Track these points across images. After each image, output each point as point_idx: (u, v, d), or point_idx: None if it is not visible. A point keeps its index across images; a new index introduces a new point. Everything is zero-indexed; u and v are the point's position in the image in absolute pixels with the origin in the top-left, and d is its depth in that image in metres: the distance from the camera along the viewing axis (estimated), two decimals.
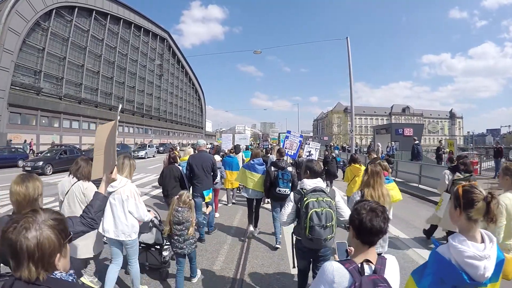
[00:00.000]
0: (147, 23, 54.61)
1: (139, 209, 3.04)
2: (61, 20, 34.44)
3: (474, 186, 1.41)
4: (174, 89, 68.89)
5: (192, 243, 3.26)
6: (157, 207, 7.13)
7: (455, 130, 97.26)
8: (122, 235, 2.97)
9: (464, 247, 1.28)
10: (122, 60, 47.88)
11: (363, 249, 1.32)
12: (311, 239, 2.44)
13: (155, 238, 3.67)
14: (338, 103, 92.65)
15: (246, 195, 5.26)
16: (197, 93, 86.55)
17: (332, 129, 76.73)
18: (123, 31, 47.26)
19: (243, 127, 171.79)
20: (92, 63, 40.24)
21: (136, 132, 50.86)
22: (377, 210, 1.30)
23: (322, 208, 2.43)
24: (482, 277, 1.25)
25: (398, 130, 21.11)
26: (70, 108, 34.67)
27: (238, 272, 3.92)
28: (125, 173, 3.08)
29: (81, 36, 37.85)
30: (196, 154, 5.49)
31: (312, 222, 2.40)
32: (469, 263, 1.25)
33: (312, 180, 2.72)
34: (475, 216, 1.34)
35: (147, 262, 3.70)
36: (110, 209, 2.97)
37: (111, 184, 2.88)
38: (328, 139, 51.47)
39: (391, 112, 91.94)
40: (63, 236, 0.98)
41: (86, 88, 39.23)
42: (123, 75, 47.92)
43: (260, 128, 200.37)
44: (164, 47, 63.41)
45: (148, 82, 56.22)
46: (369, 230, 1.27)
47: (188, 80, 78.86)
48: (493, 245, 1.32)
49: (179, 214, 3.15)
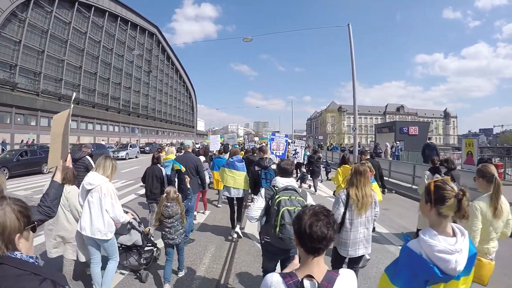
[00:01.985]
0: (135, 16, 53.19)
1: (114, 209, 3.05)
2: (40, 11, 32.97)
3: (446, 182, 1.41)
4: (163, 86, 67.54)
5: (181, 233, 3.62)
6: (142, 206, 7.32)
7: (449, 129, 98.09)
8: (98, 233, 2.98)
9: (435, 241, 1.29)
10: (107, 55, 46.43)
11: (307, 260, 1.19)
12: (281, 238, 2.42)
13: (134, 240, 3.71)
14: (332, 102, 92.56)
15: (228, 194, 5.28)
16: (187, 91, 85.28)
17: (326, 128, 76.50)
18: (108, 25, 45.81)
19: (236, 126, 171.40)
20: (74, 57, 38.75)
21: (122, 131, 49.46)
22: (319, 214, 1.19)
23: (295, 207, 2.43)
24: (453, 271, 1.27)
25: (403, 129, 20.11)
26: (48, 105, 33.13)
27: (224, 271, 4.03)
28: (106, 173, 3.11)
29: (62, 29, 36.38)
30: (181, 155, 5.60)
31: (283, 220, 2.39)
32: (440, 257, 1.27)
33: (284, 179, 2.74)
34: (445, 212, 1.35)
35: (127, 264, 3.74)
36: (88, 207, 3.00)
37: (90, 182, 2.99)
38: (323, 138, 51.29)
39: (386, 111, 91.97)
40: (24, 220, 1.07)
41: (67, 84, 37.73)
42: (108, 70, 46.45)
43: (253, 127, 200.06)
44: (153, 43, 62.03)
45: (135, 79, 54.82)
46: (308, 237, 1.16)
47: (178, 77, 77.55)
48: (464, 238, 1.33)
49: (168, 209, 3.52)
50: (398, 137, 19.20)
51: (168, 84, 70.86)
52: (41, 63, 33.33)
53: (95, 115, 41.79)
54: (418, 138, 19.32)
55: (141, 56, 40.51)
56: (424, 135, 20.50)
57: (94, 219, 2.97)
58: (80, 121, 38.64)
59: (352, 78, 12.04)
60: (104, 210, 3.00)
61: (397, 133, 19.83)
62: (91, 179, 3.02)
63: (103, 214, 3.00)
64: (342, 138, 72.69)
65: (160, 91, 65.65)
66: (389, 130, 21.72)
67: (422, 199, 1.47)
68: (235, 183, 5.12)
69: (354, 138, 12.78)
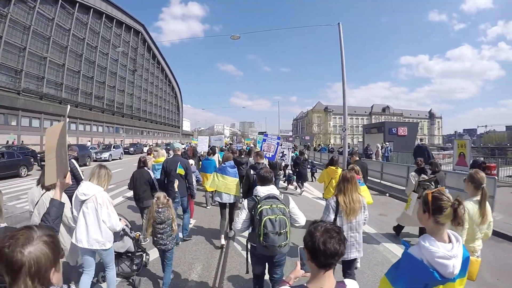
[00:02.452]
0: (121, 14, 52.29)
1: (111, 218, 3.02)
2: (23, 6, 31.96)
3: (442, 193, 1.53)
4: (148, 85, 66.61)
5: (173, 238, 3.58)
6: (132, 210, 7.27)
7: (434, 130, 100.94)
8: (96, 244, 2.95)
9: (435, 248, 1.40)
10: (91, 53, 45.42)
11: (318, 274, 1.27)
12: (265, 246, 2.54)
13: (127, 246, 3.72)
14: (318, 102, 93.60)
15: (219, 199, 5.27)
16: (173, 90, 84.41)
17: (312, 129, 77.16)
18: (93, 22, 44.85)
19: (221, 126, 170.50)
20: (57, 55, 37.76)
21: (106, 131, 48.48)
22: (331, 231, 1.26)
23: (276, 215, 2.53)
24: (451, 274, 1.39)
25: (392, 129, 19.73)
26: (30, 105, 32.20)
27: (218, 274, 4.06)
28: (101, 182, 3.06)
29: (44, 25, 35.37)
30: (171, 158, 5.54)
31: (266, 229, 2.50)
32: (440, 262, 1.38)
33: (265, 187, 2.79)
34: (442, 221, 1.47)
35: (119, 270, 3.72)
36: (83, 218, 2.94)
37: (84, 192, 2.92)
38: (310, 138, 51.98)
39: (371, 112, 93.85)
40: (57, 251, 1.02)
41: (49, 83, 36.72)
42: (91, 69, 45.46)
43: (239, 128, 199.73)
44: (139, 41, 61.09)
45: (120, 78, 53.86)
46: (322, 253, 1.23)
47: (164, 76, 76.67)
48: (459, 244, 1.45)
49: (160, 214, 3.44)
50: (387, 137, 18.93)
51: (154, 83, 69.93)
52: (23, 60, 32.30)
53: (78, 115, 40.80)
54: (407, 139, 19.27)
55: (125, 53, 39.58)
56: (413, 136, 20.35)
57: (91, 230, 2.93)
58: (62, 121, 37.50)
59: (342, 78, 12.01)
60: (101, 221, 2.95)
61: (386, 134, 19.46)
62: (85, 189, 2.95)
63: (99, 224, 2.96)
64: (328, 138, 73.45)
65: (145, 90, 64.71)
66: (377, 130, 21.24)
67: (420, 208, 1.58)
68: (226, 188, 5.13)
69: (344, 138, 12.42)
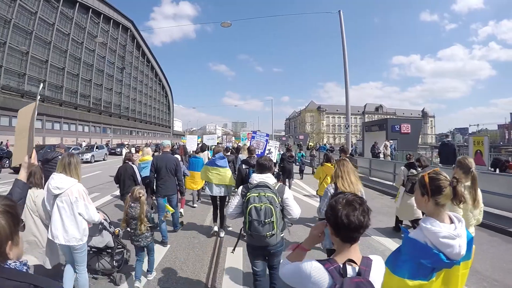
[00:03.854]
0: (108, 9, 51.11)
1: (89, 210, 2.96)
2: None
3: (439, 173, 1.48)
4: (137, 84, 65.40)
5: (147, 237, 3.56)
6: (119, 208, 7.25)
7: (427, 129, 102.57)
8: (73, 240, 2.87)
9: (438, 228, 1.36)
10: (77, 49, 44.17)
11: (344, 248, 1.23)
12: (251, 235, 2.53)
13: (107, 241, 3.65)
14: (311, 102, 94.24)
15: (210, 192, 5.40)
16: (164, 89, 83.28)
17: (305, 128, 77.04)
18: (79, 17, 43.64)
19: (214, 127, 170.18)
20: (39, 50, 36.47)
21: (92, 131, 47.20)
22: (354, 202, 1.20)
23: (262, 204, 2.48)
24: (458, 255, 1.34)
25: (395, 127, 18.69)
26: (9, 103, 30.79)
27: (211, 272, 4.03)
28: (74, 173, 2.94)
29: (27, 19, 34.11)
30: (160, 155, 5.69)
31: (250, 217, 2.48)
32: (445, 242, 1.33)
33: (259, 175, 2.75)
34: (443, 201, 1.43)
35: (99, 267, 3.67)
36: (58, 213, 2.84)
37: (58, 186, 2.80)
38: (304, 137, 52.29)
39: (365, 111, 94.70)
40: (14, 222, 0.95)
41: (31, 80, 35.44)
42: (77, 66, 44.20)
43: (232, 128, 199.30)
44: (127, 38, 59.94)
45: (107, 76, 52.64)
46: (346, 227, 1.17)
47: (154, 75, 75.51)
48: (462, 224, 1.40)
49: (132, 210, 3.47)
50: (390, 135, 18.01)
51: (143, 82, 68.73)
52: (2, 55, 31.04)
53: (62, 114, 39.49)
54: (410, 137, 18.44)
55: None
56: (417, 133, 19.76)
57: (67, 226, 2.83)
58: (45, 120, 36.31)
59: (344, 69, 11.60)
60: (77, 215, 2.87)
61: (389, 131, 18.40)
62: (59, 183, 2.82)
63: (76, 219, 2.87)
64: (321, 137, 73.89)
65: (134, 89, 63.49)
66: (379, 128, 20.14)
67: (417, 193, 1.54)
68: (220, 179, 5.25)
69: (347, 137, 12.22)
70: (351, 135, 14.84)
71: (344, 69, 11.81)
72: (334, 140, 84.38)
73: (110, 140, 43.44)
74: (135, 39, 63.08)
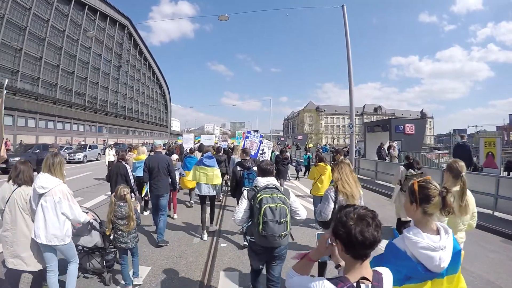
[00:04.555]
0: (105, 6, 50.51)
1: (73, 210, 3.00)
2: None
3: (429, 181, 1.48)
4: (134, 83, 64.79)
5: (135, 237, 3.55)
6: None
7: (426, 129, 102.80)
8: (55, 240, 2.90)
9: (418, 238, 1.35)
10: (72, 46, 43.56)
11: (355, 265, 1.16)
12: (264, 236, 2.51)
13: (96, 241, 3.65)
14: (310, 102, 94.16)
15: (199, 192, 5.45)
16: (161, 88, 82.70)
17: (303, 128, 77.16)
18: (74, 13, 43.01)
19: (212, 126, 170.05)
20: (34, 47, 35.84)
21: (87, 130, 46.56)
22: (366, 217, 1.13)
23: (276, 204, 2.53)
24: (437, 268, 1.32)
25: (399, 127, 18.10)
26: None
27: (207, 272, 4.03)
28: (58, 173, 2.99)
29: (20, 15, 33.47)
30: (153, 155, 5.74)
31: (265, 218, 2.48)
32: (424, 253, 1.32)
33: (265, 178, 2.81)
34: (431, 210, 1.43)
35: (89, 267, 3.69)
36: (42, 212, 2.88)
37: (42, 185, 2.84)
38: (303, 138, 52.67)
39: (363, 112, 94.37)
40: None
41: (25, 77, 34.80)
42: (72, 63, 43.55)
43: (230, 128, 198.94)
44: (124, 36, 59.35)
45: (103, 74, 52.00)
46: (361, 244, 1.11)
47: (151, 74, 74.92)
48: (448, 236, 1.39)
49: (121, 209, 3.41)
50: (393, 136, 17.28)
51: (140, 81, 68.13)
52: None
53: (56, 112, 38.84)
54: (414, 138, 17.97)
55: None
56: (421, 134, 19.31)
57: (49, 226, 2.87)
58: (39, 118, 35.69)
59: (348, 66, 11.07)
60: (60, 215, 2.91)
61: (392, 132, 17.77)
62: (44, 182, 2.86)
63: (59, 219, 2.91)
64: (320, 138, 73.95)
65: (131, 88, 62.87)
66: (382, 128, 19.54)
67: (406, 200, 1.54)
68: (206, 178, 5.30)
69: (351, 137, 11.77)
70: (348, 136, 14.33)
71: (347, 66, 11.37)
72: (333, 140, 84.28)
73: (106, 139, 42.89)
74: (132, 37, 62.47)
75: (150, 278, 3.80)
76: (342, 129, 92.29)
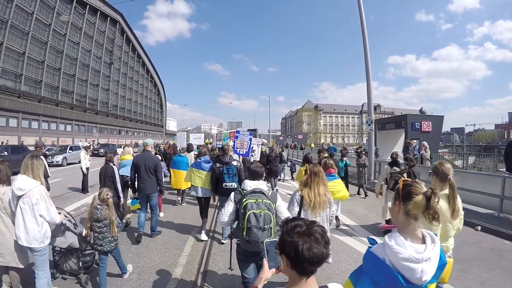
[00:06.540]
0: (95, 0, 48.76)
1: (50, 212, 3.02)
2: None
3: (417, 182, 1.45)
4: (127, 81, 63.14)
5: (111, 241, 3.53)
6: None
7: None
8: (34, 242, 2.93)
9: (400, 248, 1.25)
10: (59, 41, 41.88)
11: (300, 281, 1.11)
12: (248, 241, 2.55)
13: (70, 242, 3.62)
14: (308, 101, 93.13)
15: (195, 194, 5.49)
16: (156, 87, 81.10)
17: (302, 128, 76.61)
18: (62, 6, 41.41)
19: (209, 126, 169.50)
20: (16, 42, 34.15)
21: (75, 130, 44.89)
22: (315, 233, 1.09)
23: (261, 210, 2.53)
24: (419, 281, 1.25)
25: (415, 124, 16.67)
26: None
27: (200, 271, 4.06)
28: (35, 174, 3.00)
29: (2, 7, 31.81)
30: (141, 154, 5.73)
31: (249, 224, 2.49)
32: (405, 265, 1.24)
33: (253, 182, 2.77)
34: (413, 210, 1.34)
35: (66, 268, 3.72)
36: (21, 215, 2.92)
37: (20, 187, 2.93)
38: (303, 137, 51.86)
39: (362, 110, 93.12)
40: None
41: (6, 74, 33.15)
42: (59, 59, 41.86)
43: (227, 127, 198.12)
44: (116, 31, 57.74)
45: (93, 71, 50.36)
46: (308, 261, 1.07)
47: (145, 71, 73.33)
48: (435, 246, 1.29)
49: (97, 211, 3.47)
50: (410, 134, 15.70)
51: (133, 79, 66.50)
52: None
53: (41, 111, 37.16)
54: (431, 136, 16.31)
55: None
56: (438, 131, 17.91)
57: (29, 228, 2.90)
58: (21, 118, 34.02)
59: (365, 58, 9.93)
60: (38, 217, 2.94)
61: (408, 130, 16.30)
62: (21, 184, 2.89)
63: (37, 221, 2.94)
64: (318, 137, 73.12)
65: (123, 85, 61.21)
66: (395, 126, 18.14)
67: (393, 202, 1.49)
68: (203, 183, 5.34)
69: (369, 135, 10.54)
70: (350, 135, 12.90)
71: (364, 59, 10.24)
72: (331, 139, 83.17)
73: (95, 139, 41.25)
74: (124, 33, 60.86)
75: (143, 278, 3.82)
76: (341, 128, 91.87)
